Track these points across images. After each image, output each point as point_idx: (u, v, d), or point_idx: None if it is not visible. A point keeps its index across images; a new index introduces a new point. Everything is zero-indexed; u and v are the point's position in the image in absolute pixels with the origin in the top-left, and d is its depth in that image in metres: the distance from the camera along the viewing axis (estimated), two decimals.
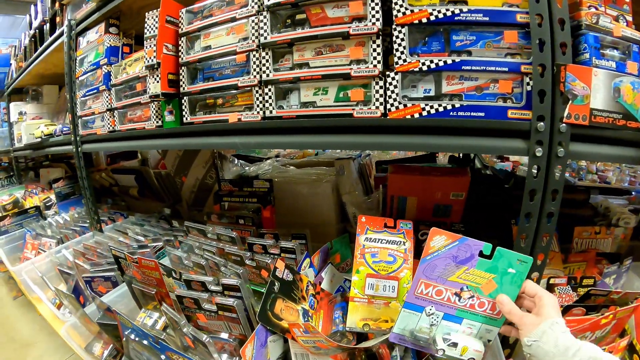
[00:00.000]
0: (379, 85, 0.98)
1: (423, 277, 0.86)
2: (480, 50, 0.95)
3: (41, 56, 2.41)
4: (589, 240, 1.26)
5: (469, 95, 0.95)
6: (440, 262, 0.85)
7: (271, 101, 1.08)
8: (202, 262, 1.29)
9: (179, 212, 2.01)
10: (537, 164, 0.87)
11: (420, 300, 0.87)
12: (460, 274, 0.85)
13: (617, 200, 1.61)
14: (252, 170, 1.75)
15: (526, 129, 0.86)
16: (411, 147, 0.97)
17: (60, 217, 2.38)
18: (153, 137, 1.41)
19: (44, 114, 3.12)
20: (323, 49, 1.04)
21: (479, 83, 0.95)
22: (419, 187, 1.29)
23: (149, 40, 1.40)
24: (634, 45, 0.94)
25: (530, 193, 0.89)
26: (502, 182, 1.70)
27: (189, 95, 1.27)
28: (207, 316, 1.14)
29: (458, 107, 0.93)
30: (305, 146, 1.05)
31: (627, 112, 0.86)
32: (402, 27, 0.96)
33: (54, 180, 2.83)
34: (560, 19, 0.84)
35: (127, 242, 1.70)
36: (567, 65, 0.82)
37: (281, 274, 1.07)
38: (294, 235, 1.30)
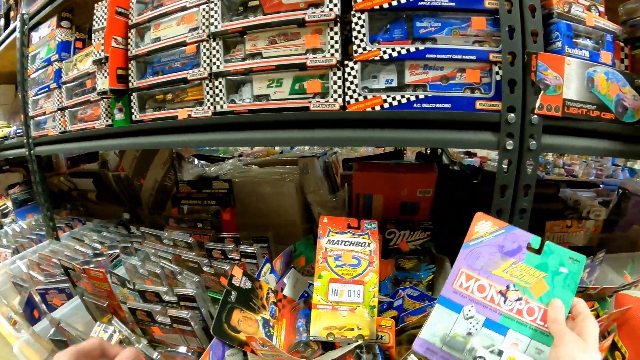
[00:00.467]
0: (337, 76, 0.91)
1: (465, 265, 0.73)
2: (446, 37, 0.89)
3: None
4: (561, 234, 1.24)
5: (434, 85, 0.89)
6: (485, 250, 0.73)
7: (222, 95, 1.00)
8: (158, 270, 1.20)
9: (139, 216, 1.91)
10: (508, 158, 0.82)
11: (459, 296, 0.72)
12: (507, 267, 0.72)
13: (586, 193, 1.61)
14: (213, 170, 1.67)
15: (496, 120, 0.81)
16: (372, 142, 0.90)
17: (16, 225, 2.24)
18: (103, 137, 1.32)
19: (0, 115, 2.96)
20: (277, 37, 0.96)
21: (444, 72, 0.89)
22: (385, 184, 1.23)
23: (97, 33, 1.30)
24: (607, 35, 0.91)
25: (501, 189, 0.84)
26: (470, 177, 1.67)
27: (138, 90, 1.18)
28: (162, 329, 1.05)
29: (422, 99, 0.87)
30: (258, 143, 0.97)
31: (601, 102, 0.83)
32: (362, 13, 0.89)
33: (11, 185, 2.67)
34: (531, 5, 0.80)
35: (83, 251, 1.59)
36: (538, 53, 0.79)
37: (238, 282, 0.99)
38: (255, 239, 1.22)
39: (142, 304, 1.06)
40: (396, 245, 1.19)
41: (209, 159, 2.02)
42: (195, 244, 1.22)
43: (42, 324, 1.28)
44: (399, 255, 1.18)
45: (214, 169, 1.67)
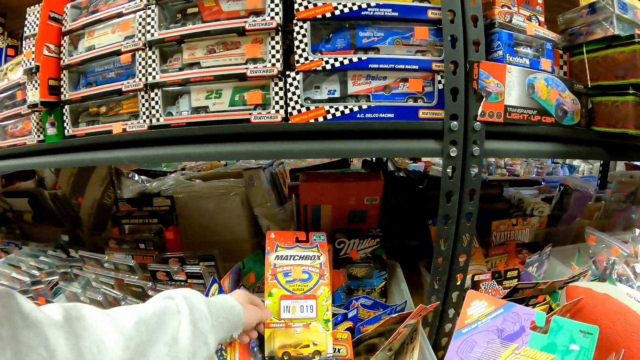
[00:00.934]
0: (279, 87, 0.88)
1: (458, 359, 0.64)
2: (388, 47, 0.90)
3: None
4: (507, 233, 1.27)
5: (377, 95, 0.90)
6: (482, 337, 0.64)
7: (158, 107, 0.93)
8: (99, 297, 1.11)
9: (79, 237, 1.78)
10: (452, 165, 0.83)
11: None
12: (508, 355, 0.62)
13: (528, 190, 1.69)
14: (155, 186, 1.57)
15: (439, 129, 0.83)
16: (316, 153, 0.88)
17: None
18: (34, 154, 1.21)
19: None
20: (216, 46, 0.92)
21: (387, 82, 0.90)
22: (332, 194, 1.22)
23: (28, 40, 1.20)
24: (547, 43, 0.96)
25: (447, 195, 0.85)
26: (416, 183, 1.70)
27: (70, 103, 1.09)
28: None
29: (365, 109, 0.87)
30: (197, 158, 0.92)
31: (542, 107, 0.87)
32: (304, 22, 0.87)
33: None
34: (473, 16, 0.82)
35: (20, 278, 1.46)
36: (480, 62, 0.81)
37: None
38: (201, 257, 1.16)
39: None
40: (347, 255, 1.19)
41: (149, 173, 1.91)
42: (138, 266, 1.14)
43: None
44: (350, 264, 1.18)
45: (155, 185, 1.58)
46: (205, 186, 1.42)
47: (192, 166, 2.16)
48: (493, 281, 1.06)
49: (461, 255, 0.91)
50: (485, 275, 1.06)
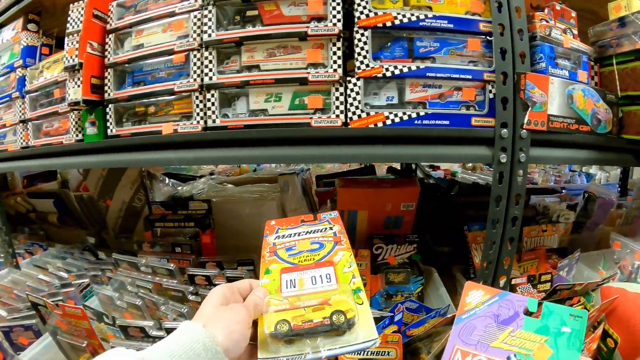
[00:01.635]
0: (340, 92, 0.87)
1: (459, 342, 0.66)
2: (444, 57, 0.92)
3: None
4: (537, 239, 1.29)
5: (432, 103, 0.91)
6: (480, 322, 0.67)
7: (214, 109, 0.91)
8: (138, 302, 1.08)
9: (105, 240, 1.74)
10: (501, 170, 0.86)
11: None
12: (505, 337, 0.65)
13: (550, 198, 1.71)
14: (186, 190, 1.55)
15: (490, 136, 0.86)
16: (375, 158, 0.88)
17: None
18: (72, 154, 1.19)
19: None
20: (277, 50, 0.91)
21: (442, 91, 0.92)
22: (370, 200, 1.23)
23: (71, 37, 1.18)
24: (582, 55, 1.00)
25: (496, 199, 0.87)
26: (446, 190, 1.70)
27: (115, 102, 1.07)
28: None
29: (423, 115, 0.88)
30: (255, 161, 0.90)
31: (579, 117, 0.92)
32: (365, 30, 0.88)
33: None
34: (519, 29, 0.85)
35: (47, 280, 1.42)
36: (526, 73, 0.85)
37: None
38: (239, 262, 1.13)
39: (129, 342, 0.94)
40: (384, 260, 1.21)
41: (179, 177, 1.89)
42: (178, 270, 1.11)
43: None
44: (388, 269, 1.20)
45: (186, 189, 1.55)
46: (239, 190, 1.40)
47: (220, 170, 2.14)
48: (528, 285, 1.08)
49: (505, 259, 0.92)
50: (521, 279, 1.08)
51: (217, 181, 1.58)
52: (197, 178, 1.78)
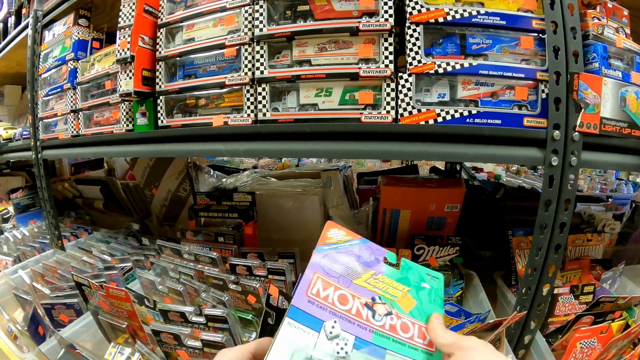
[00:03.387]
0: (391, 88, 0.87)
1: (321, 271, 0.58)
2: (496, 54, 0.89)
3: (3, 52, 2.19)
4: (582, 248, 1.25)
5: (484, 101, 0.89)
6: (342, 257, 0.60)
7: (265, 102, 0.93)
8: (179, 287, 1.11)
9: (148, 227, 1.80)
10: (552, 174, 0.83)
11: (317, 307, 0.54)
12: (367, 278, 0.60)
13: (596, 206, 1.65)
14: (230, 182, 1.58)
15: (542, 137, 0.83)
16: (425, 156, 0.86)
17: (18, 231, 2.12)
18: (122, 143, 1.23)
19: (4, 117, 2.86)
20: (328, 45, 0.91)
21: (495, 89, 0.89)
22: (414, 199, 1.22)
23: (122, 31, 1.22)
24: (636, 56, 0.95)
25: (546, 203, 0.85)
26: (491, 193, 1.65)
27: (166, 94, 1.10)
28: (190, 353, 0.95)
29: (475, 114, 0.86)
30: (305, 154, 0.91)
31: (632, 120, 0.88)
32: (417, 26, 0.87)
33: (13, 190, 2.55)
34: (572, 27, 0.83)
35: (91, 262, 1.48)
36: (580, 73, 0.82)
37: (276, 302, 0.91)
38: (280, 254, 1.14)
39: (169, 326, 0.96)
40: (425, 261, 1.19)
41: (224, 169, 1.93)
42: (220, 259, 1.13)
43: (48, 343, 1.15)
44: None
45: (230, 181, 1.58)
46: (282, 184, 1.42)
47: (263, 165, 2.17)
48: (570, 295, 1.05)
49: (551, 267, 0.89)
50: (563, 289, 1.05)
51: (260, 175, 1.60)
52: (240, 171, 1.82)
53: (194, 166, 1.63)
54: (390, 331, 0.56)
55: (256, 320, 1.05)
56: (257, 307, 1.05)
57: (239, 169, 1.96)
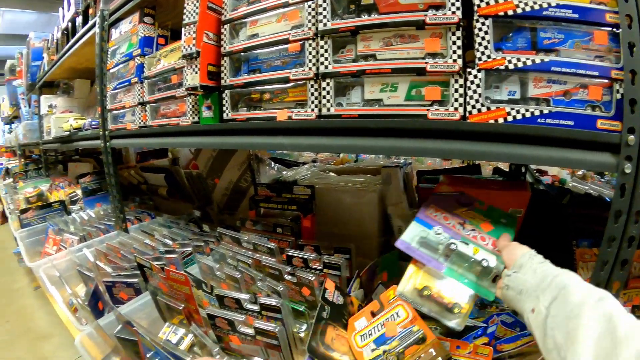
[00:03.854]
0: (459, 84, 0.84)
1: (433, 203, 0.94)
2: (569, 50, 0.83)
3: (72, 49, 2.37)
4: None
5: (557, 100, 0.83)
6: (447, 199, 0.95)
7: (329, 97, 0.94)
8: (237, 274, 1.15)
9: (209, 214, 1.89)
10: (625, 182, 0.75)
11: (430, 219, 0.92)
12: (462, 211, 0.93)
13: None
14: (290, 175, 1.61)
15: (616, 142, 0.75)
16: (494, 157, 0.83)
17: (85, 213, 2.30)
18: (188, 134, 1.29)
19: (74, 108, 3.09)
20: (393, 39, 0.90)
21: (567, 87, 0.83)
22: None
23: (187, 27, 1.28)
24: None
25: (616, 214, 0.77)
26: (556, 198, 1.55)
27: (231, 88, 1.14)
28: (242, 339, 0.99)
29: (546, 114, 0.80)
30: (369, 151, 0.91)
31: None
32: (486, 19, 0.83)
33: (81, 175, 2.76)
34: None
35: (153, 245, 1.58)
36: None
37: (331, 296, 0.93)
38: (336, 249, 1.16)
39: (224, 311, 1.01)
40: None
41: (284, 162, 1.98)
42: (278, 250, 1.17)
43: (107, 318, 1.25)
44: None
45: (290, 174, 1.62)
46: (341, 179, 1.43)
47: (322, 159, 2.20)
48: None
49: (615, 283, 0.82)
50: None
51: (319, 168, 1.62)
52: (300, 164, 1.86)
53: (256, 158, 1.68)
54: (473, 239, 0.88)
55: (308, 312, 1.07)
56: (311, 299, 1.08)
57: (299, 162, 2.00)
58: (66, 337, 3.16)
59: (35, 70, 3.64)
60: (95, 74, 1.93)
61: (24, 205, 2.93)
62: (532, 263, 0.75)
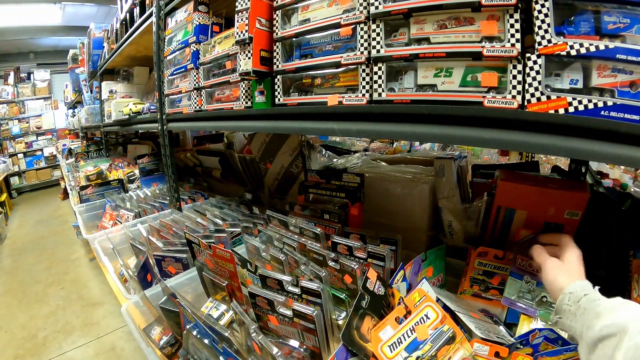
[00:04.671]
0: (517, 70, 0.80)
1: (518, 254, 1.06)
2: (635, 36, 0.76)
3: (131, 38, 2.50)
4: None
5: (622, 92, 0.76)
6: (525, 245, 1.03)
7: (381, 82, 0.93)
8: (281, 256, 1.19)
9: (259, 198, 1.95)
10: None
11: (521, 270, 1.05)
12: None
13: None
14: (340, 162, 1.62)
15: None
16: (553, 150, 0.78)
17: (141, 191, 2.45)
18: (241, 119, 1.34)
19: (134, 93, 3.28)
20: (447, 22, 0.87)
21: (634, 78, 0.75)
22: (532, 199, 1.10)
23: (240, 14, 1.31)
24: None
25: None
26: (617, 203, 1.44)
27: (283, 73, 1.17)
28: (280, 320, 1.03)
29: (611, 106, 0.74)
30: (421, 138, 0.89)
31: None
32: (546, 1, 0.77)
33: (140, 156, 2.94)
34: None
35: (204, 224, 1.66)
36: None
37: (372, 286, 0.93)
38: (382, 239, 1.16)
39: (265, 291, 1.04)
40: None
41: (335, 150, 1.99)
42: (324, 235, 1.19)
43: (154, 289, 1.33)
44: None
45: (340, 161, 1.63)
46: (392, 169, 1.41)
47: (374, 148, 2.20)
48: None
49: None
50: None
51: (371, 157, 1.62)
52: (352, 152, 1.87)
53: (307, 145, 1.71)
54: None
55: (348, 301, 1.09)
56: (352, 287, 1.09)
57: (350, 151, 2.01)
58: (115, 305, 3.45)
59: (96, 58, 3.88)
60: (153, 61, 2.03)
61: (84, 182, 3.17)
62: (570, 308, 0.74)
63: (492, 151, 3.10)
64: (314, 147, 1.73)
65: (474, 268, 1.13)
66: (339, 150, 2.04)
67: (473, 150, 2.98)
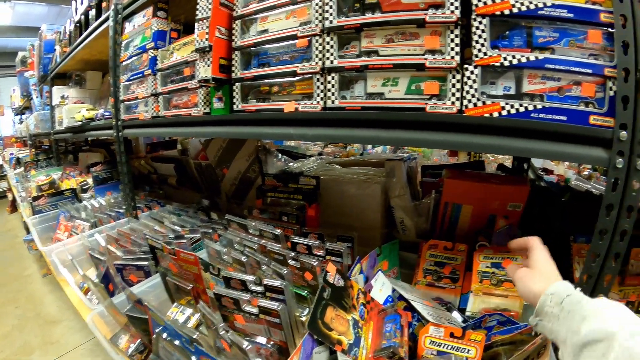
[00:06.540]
0: (456, 79, 0.89)
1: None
2: (563, 48, 0.87)
3: (85, 41, 2.43)
4: None
5: (550, 96, 0.87)
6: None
7: (334, 90, 0.99)
8: (243, 258, 1.22)
9: (217, 204, 1.95)
10: (616, 177, 0.79)
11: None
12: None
13: None
14: (296, 166, 1.68)
15: (608, 137, 0.79)
16: (488, 148, 0.88)
17: (95, 201, 2.37)
18: (200, 124, 1.35)
19: (86, 99, 3.16)
20: (395, 36, 0.95)
21: (561, 84, 0.87)
22: (476, 194, 1.20)
23: (200, 22, 1.33)
24: None
25: (607, 208, 0.81)
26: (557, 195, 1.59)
27: (242, 81, 1.20)
28: (246, 318, 1.06)
29: (540, 109, 0.85)
30: (370, 141, 0.96)
31: None
32: (483, 18, 0.88)
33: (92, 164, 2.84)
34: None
35: (162, 232, 1.65)
36: None
37: (332, 279, 0.98)
38: (339, 237, 1.21)
39: (230, 291, 1.07)
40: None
41: (291, 154, 2.04)
42: (283, 236, 1.23)
43: (118, 297, 1.32)
44: None
45: (296, 165, 1.68)
46: (346, 171, 1.48)
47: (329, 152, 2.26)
48: None
49: (607, 276, 0.86)
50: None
51: (325, 161, 1.68)
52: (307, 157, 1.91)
53: (264, 150, 1.74)
54: None
55: (310, 297, 1.12)
56: (313, 284, 1.13)
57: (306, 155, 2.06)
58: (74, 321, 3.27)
59: (47, 62, 3.72)
60: (109, 66, 1.99)
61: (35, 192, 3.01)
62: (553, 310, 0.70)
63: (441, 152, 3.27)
64: (270, 152, 1.77)
65: (426, 260, 1.21)
66: (295, 154, 2.09)
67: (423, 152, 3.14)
